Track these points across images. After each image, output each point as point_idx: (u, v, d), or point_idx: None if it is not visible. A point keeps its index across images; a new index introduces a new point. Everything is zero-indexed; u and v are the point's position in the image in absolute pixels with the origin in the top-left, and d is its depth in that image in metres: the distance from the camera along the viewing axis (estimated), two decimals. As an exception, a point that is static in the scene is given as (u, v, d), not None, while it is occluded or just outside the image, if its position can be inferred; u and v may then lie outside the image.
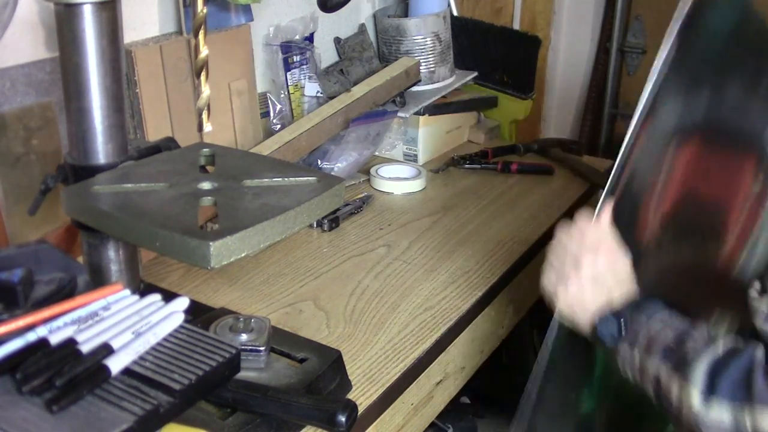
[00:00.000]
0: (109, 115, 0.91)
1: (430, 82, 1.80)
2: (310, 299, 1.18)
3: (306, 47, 1.62)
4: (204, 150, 0.97)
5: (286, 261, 1.29)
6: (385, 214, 1.47)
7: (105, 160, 0.92)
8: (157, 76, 1.29)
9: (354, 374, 1.00)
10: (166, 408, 0.72)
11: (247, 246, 0.77)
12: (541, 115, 2.81)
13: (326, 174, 0.92)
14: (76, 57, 0.88)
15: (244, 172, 0.90)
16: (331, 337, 1.08)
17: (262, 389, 0.83)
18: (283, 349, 0.97)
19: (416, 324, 1.13)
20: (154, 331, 0.79)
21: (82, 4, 0.86)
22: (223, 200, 0.83)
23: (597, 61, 2.71)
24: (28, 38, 1.11)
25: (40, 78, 1.13)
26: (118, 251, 0.96)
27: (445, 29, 1.81)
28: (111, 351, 0.75)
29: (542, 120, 2.83)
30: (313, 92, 1.63)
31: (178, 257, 0.77)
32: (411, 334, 1.10)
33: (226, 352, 0.80)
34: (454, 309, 1.17)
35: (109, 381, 0.73)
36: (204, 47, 0.96)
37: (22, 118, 1.11)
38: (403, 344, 1.08)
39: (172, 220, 0.78)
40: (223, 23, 1.42)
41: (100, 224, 0.84)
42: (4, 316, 0.79)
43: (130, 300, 0.84)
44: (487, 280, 1.25)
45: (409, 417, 1.07)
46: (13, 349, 0.73)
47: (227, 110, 1.45)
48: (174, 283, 1.20)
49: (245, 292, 1.19)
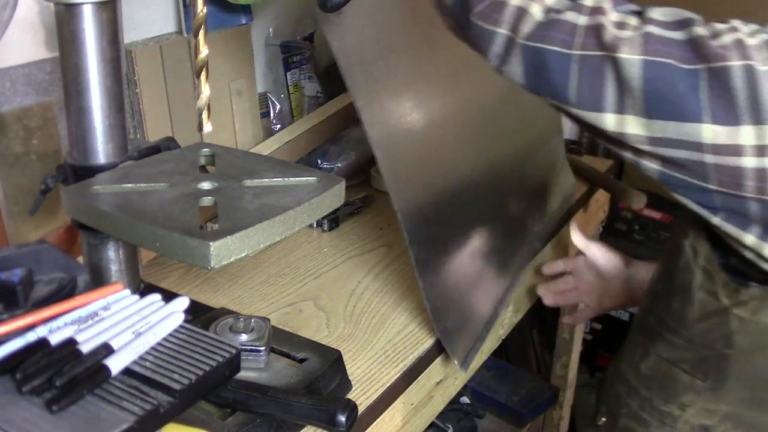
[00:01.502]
0: (109, 115, 0.91)
1: (430, 82, 1.79)
2: (310, 299, 1.18)
3: (306, 47, 1.62)
4: (204, 150, 0.97)
5: (286, 261, 1.29)
6: (385, 214, 1.47)
7: (105, 160, 0.92)
8: (157, 76, 1.29)
9: (354, 374, 1.00)
10: (166, 408, 0.72)
11: (247, 246, 0.77)
12: (541, 115, 2.81)
13: (326, 174, 0.92)
14: (76, 57, 0.88)
15: (244, 172, 0.90)
16: (331, 337, 1.08)
17: (262, 389, 0.83)
18: (283, 349, 0.97)
19: (416, 324, 1.13)
20: (154, 331, 0.79)
21: (82, 4, 0.86)
22: (223, 200, 0.83)
23: (597, 61, 2.70)
24: (28, 38, 1.12)
25: (40, 78, 1.13)
26: (118, 251, 0.96)
27: (445, 29, 1.80)
28: (111, 351, 0.75)
29: (542, 120, 2.82)
30: (313, 92, 1.63)
31: (178, 257, 0.77)
32: (411, 334, 1.10)
33: (226, 352, 0.80)
34: (454, 309, 1.17)
35: (109, 381, 0.73)
36: (204, 47, 0.96)
37: (22, 118, 1.11)
38: (403, 344, 1.08)
39: (172, 220, 0.78)
40: (223, 23, 1.42)
41: (100, 224, 0.84)
42: (4, 316, 0.79)
43: (130, 300, 0.84)
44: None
45: (409, 417, 1.07)
46: (13, 349, 0.73)
47: (227, 110, 1.45)
48: (174, 283, 1.20)
49: (245, 292, 1.19)
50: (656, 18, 0.75)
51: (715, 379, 0.87)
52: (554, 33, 0.76)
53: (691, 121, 0.72)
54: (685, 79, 0.71)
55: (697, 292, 0.86)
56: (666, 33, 0.73)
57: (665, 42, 0.72)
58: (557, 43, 0.76)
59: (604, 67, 0.74)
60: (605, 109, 0.75)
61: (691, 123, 0.72)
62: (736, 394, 0.87)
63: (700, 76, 0.71)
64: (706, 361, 0.87)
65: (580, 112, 0.78)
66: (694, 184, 0.76)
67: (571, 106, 0.78)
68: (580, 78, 0.75)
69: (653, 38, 0.73)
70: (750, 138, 0.70)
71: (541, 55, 0.77)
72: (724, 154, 0.72)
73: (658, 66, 0.72)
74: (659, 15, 0.75)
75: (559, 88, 0.77)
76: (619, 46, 0.73)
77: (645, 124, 0.74)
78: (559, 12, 0.77)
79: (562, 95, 0.77)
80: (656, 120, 0.73)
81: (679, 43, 0.72)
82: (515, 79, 0.80)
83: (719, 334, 0.85)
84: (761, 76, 0.70)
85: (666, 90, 0.72)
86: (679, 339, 0.90)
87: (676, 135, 0.73)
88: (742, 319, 0.82)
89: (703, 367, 0.88)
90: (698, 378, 0.88)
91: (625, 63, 0.73)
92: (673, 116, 0.72)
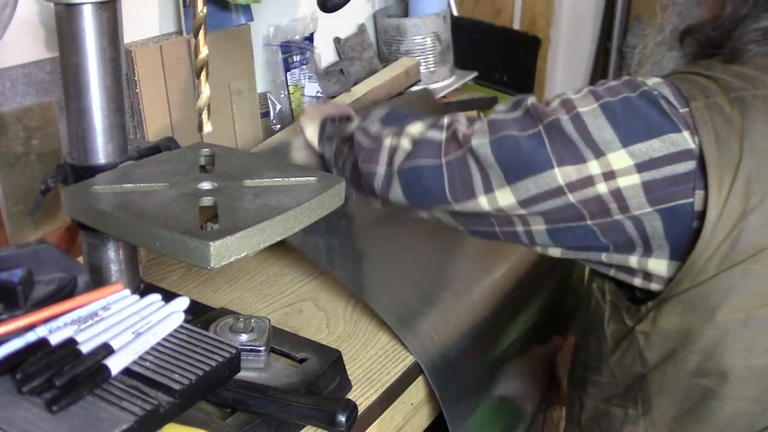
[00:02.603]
0: (109, 115, 0.91)
1: (430, 82, 1.80)
2: (310, 299, 1.18)
3: (306, 47, 1.62)
4: (204, 150, 0.97)
5: (286, 261, 1.29)
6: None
7: (105, 160, 0.92)
8: (157, 76, 1.29)
9: (354, 374, 1.00)
10: (166, 408, 0.72)
11: (247, 246, 0.77)
12: (541, 115, 2.81)
13: (326, 174, 0.92)
14: (76, 57, 0.88)
15: (244, 172, 0.90)
16: (331, 337, 1.08)
17: (262, 389, 0.83)
18: (283, 349, 0.97)
19: (416, 324, 1.13)
20: (154, 331, 0.79)
21: (82, 4, 0.86)
22: (223, 200, 0.83)
23: (597, 61, 2.71)
24: (28, 38, 1.11)
25: (40, 78, 1.13)
26: (118, 251, 0.96)
27: (445, 29, 1.80)
28: (111, 351, 0.75)
29: (542, 120, 2.83)
30: (313, 92, 1.63)
31: (178, 257, 0.77)
32: (411, 334, 1.10)
33: (226, 352, 0.80)
34: (454, 309, 1.17)
35: (109, 381, 0.73)
36: (204, 47, 0.96)
37: (22, 118, 1.11)
38: (403, 344, 1.08)
39: (172, 220, 0.78)
40: (223, 23, 1.42)
41: (100, 224, 0.84)
42: (4, 316, 0.79)
43: (130, 300, 0.83)
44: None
45: (409, 417, 1.07)
46: (13, 349, 0.73)
47: (227, 110, 1.45)
48: (174, 283, 1.20)
49: (245, 292, 1.19)
50: (497, 109, 0.90)
51: (643, 403, 0.91)
52: (423, 150, 0.91)
53: (543, 171, 0.82)
54: (528, 142, 0.83)
55: (608, 325, 0.93)
56: (505, 115, 0.87)
57: (505, 121, 0.86)
58: (427, 158, 0.90)
59: (466, 159, 0.87)
60: (477, 194, 0.87)
61: (544, 172, 0.82)
62: (666, 412, 0.90)
63: (540, 134, 0.82)
64: (632, 389, 0.92)
65: (460, 207, 0.89)
66: (576, 227, 0.84)
67: (452, 204, 0.89)
68: (450, 178, 0.88)
69: (496, 122, 0.86)
70: (596, 168, 0.80)
71: (416, 172, 0.91)
72: (581, 189, 0.81)
73: (503, 140, 0.84)
74: (500, 106, 0.90)
75: (437, 193, 0.89)
76: (471, 137, 0.87)
77: (511, 191, 0.84)
78: (423, 135, 0.92)
79: (441, 198, 0.89)
80: (517, 183, 0.84)
81: (517, 118, 0.85)
82: (399, 201, 0.94)
83: (632, 356, 0.90)
84: (586, 116, 0.81)
85: (515, 156, 0.83)
86: (603, 377, 0.96)
87: (537, 188, 0.83)
88: (645, 333, 0.88)
89: (631, 396, 0.93)
90: (630, 408, 0.93)
91: (479, 148, 0.85)
92: (529, 173, 0.83)
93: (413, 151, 0.91)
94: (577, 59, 2.75)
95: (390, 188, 0.94)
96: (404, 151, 0.92)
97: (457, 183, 0.88)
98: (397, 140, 0.94)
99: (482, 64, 1.92)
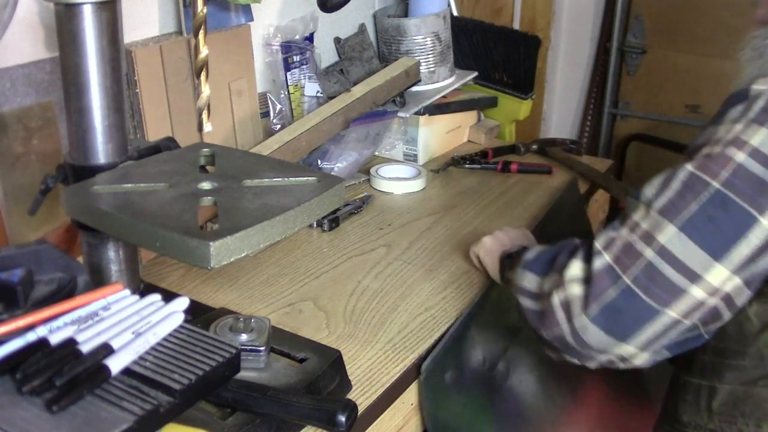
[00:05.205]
0: (109, 115, 0.91)
1: (430, 82, 1.80)
2: (310, 299, 1.18)
3: (306, 47, 1.62)
4: (204, 150, 0.97)
5: (286, 261, 1.29)
6: (385, 214, 1.47)
7: (105, 160, 0.92)
8: (157, 76, 1.29)
9: (354, 374, 1.00)
10: (166, 408, 0.72)
11: (247, 246, 0.77)
12: (541, 115, 2.82)
13: (326, 174, 0.92)
14: (76, 57, 0.88)
15: (244, 172, 0.90)
16: (331, 337, 1.08)
17: (262, 389, 0.83)
18: (283, 349, 0.97)
19: (416, 324, 1.13)
20: (154, 331, 0.79)
21: (82, 4, 0.86)
22: (223, 200, 0.83)
23: (597, 61, 2.71)
24: (28, 38, 1.12)
25: (40, 78, 1.13)
26: (118, 251, 0.96)
27: (445, 29, 1.81)
28: (111, 351, 0.75)
29: (542, 120, 2.83)
30: (313, 92, 1.63)
31: (178, 257, 0.77)
32: (411, 334, 1.10)
33: (226, 352, 0.80)
34: (454, 309, 1.17)
35: (109, 381, 0.73)
36: (204, 47, 0.96)
37: (22, 118, 1.11)
38: (403, 344, 1.08)
39: (172, 220, 0.78)
40: (223, 23, 1.42)
41: (100, 224, 0.84)
42: (4, 316, 0.79)
43: (130, 300, 0.84)
44: (487, 280, 1.25)
45: (409, 417, 1.07)
46: (13, 349, 0.73)
47: (227, 110, 1.45)
48: (174, 283, 1.20)
49: (245, 292, 1.19)
50: (649, 194, 0.86)
51: None
52: (601, 285, 0.85)
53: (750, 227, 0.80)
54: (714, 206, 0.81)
55: (750, 306, 0.90)
56: (671, 196, 0.84)
57: (674, 201, 0.84)
58: (610, 289, 0.84)
59: (653, 265, 0.83)
60: (685, 286, 0.82)
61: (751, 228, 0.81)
62: None
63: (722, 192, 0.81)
64: None
65: (672, 311, 0.83)
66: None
67: (664, 313, 0.83)
68: (645, 291, 0.83)
69: (667, 209, 0.84)
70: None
71: (611, 308, 0.84)
72: None
73: (693, 220, 0.82)
74: (649, 188, 0.87)
75: (645, 312, 0.84)
76: (653, 236, 0.84)
77: (722, 265, 0.81)
78: (589, 272, 0.87)
79: (650, 314, 0.84)
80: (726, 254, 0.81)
81: (681, 190, 0.84)
82: (600, 343, 0.87)
83: None
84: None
85: (711, 228, 0.81)
86: (747, 359, 0.93)
87: (750, 249, 0.81)
88: None
89: None
90: None
91: (671, 243, 0.82)
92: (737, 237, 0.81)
93: (591, 292, 0.85)
94: (577, 59, 2.75)
95: (586, 337, 0.87)
96: (580, 298, 0.87)
97: (655, 291, 0.82)
98: (564, 292, 0.88)
99: (482, 64, 1.92)
